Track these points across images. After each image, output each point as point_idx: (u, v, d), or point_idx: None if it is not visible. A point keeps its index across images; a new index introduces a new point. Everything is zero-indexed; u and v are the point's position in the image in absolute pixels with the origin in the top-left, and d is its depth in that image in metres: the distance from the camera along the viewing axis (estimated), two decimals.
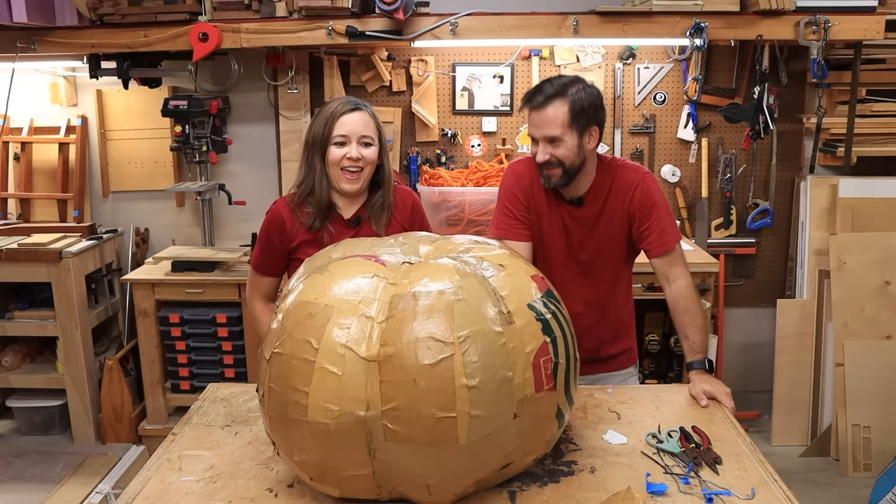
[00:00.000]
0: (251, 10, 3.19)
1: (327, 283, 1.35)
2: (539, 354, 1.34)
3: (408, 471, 1.29)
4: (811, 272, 3.49)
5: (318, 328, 1.28)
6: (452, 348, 1.24)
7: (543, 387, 1.34)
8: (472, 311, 1.28)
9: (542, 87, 1.91)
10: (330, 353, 1.26)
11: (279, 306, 1.44)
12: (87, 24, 3.20)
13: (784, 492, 1.41)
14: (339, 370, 1.25)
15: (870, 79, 3.49)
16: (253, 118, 3.76)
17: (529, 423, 1.35)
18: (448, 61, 3.66)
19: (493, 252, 1.48)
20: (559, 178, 1.93)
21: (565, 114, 1.87)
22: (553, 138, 1.88)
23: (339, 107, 1.88)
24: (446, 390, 1.23)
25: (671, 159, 3.72)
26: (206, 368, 3.39)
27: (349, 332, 1.27)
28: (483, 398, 1.25)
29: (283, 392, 1.30)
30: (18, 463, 3.27)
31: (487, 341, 1.27)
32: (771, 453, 3.32)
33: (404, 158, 3.73)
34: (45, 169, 3.81)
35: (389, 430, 1.24)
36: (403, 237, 1.61)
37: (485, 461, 1.33)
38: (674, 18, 3.13)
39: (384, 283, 1.34)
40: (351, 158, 1.86)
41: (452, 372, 1.23)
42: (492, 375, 1.26)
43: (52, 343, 3.56)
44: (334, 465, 1.30)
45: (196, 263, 3.35)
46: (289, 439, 1.33)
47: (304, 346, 1.28)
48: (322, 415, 1.25)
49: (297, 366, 1.28)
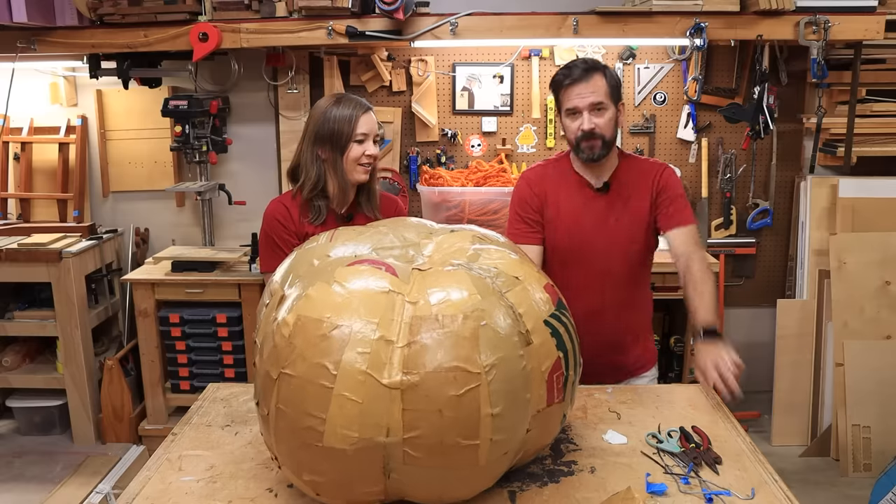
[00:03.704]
0: (251, 10, 3.19)
1: (338, 299, 1.26)
2: (553, 370, 1.34)
3: (421, 488, 1.29)
4: (811, 272, 3.49)
5: (334, 352, 1.21)
6: (479, 379, 1.21)
7: (555, 400, 1.35)
8: (496, 338, 1.24)
9: (576, 64, 2.00)
10: (349, 380, 1.20)
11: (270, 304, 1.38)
12: (87, 24, 3.20)
13: (784, 492, 1.41)
14: (360, 398, 1.19)
15: (870, 79, 3.49)
16: (253, 118, 3.76)
17: (538, 434, 1.37)
18: (448, 61, 3.66)
19: (504, 259, 1.42)
20: (600, 149, 2.00)
21: (605, 84, 1.97)
22: (599, 104, 1.97)
23: (356, 108, 2.02)
24: (471, 419, 1.21)
25: (671, 159, 3.72)
26: (206, 368, 3.39)
27: (369, 356, 1.20)
28: (505, 424, 1.25)
29: (295, 416, 1.24)
30: (18, 463, 3.27)
31: (510, 367, 1.25)
32: (771, 453, 3.32)
33: (404, 158, 3.73)
34: (45, 169, 3.81)
35: (409, 456, 1.22)
36: (403, 228, 1.55)
37: (496, 475, 1.35)
38: (674, 18, 3.13)
39: (400, 300, 1.27)
40: (370, 155, 2.02)
41: (478, 402, 1.21)
42: (513, 400, 1.25)
43: (52, 343, 3.56)
44: (345, 483, 1.27)
45: (196, 263, 3.35)
46: (298, 460, 1.29)
47: (320, 370, 1.21)
48: (339, 441, 1.20)
49: (312, 391, 1.22)
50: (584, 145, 1.99)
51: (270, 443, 1.35)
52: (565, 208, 2.06)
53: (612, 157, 2.06)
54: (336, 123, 2.00)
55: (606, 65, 2.03)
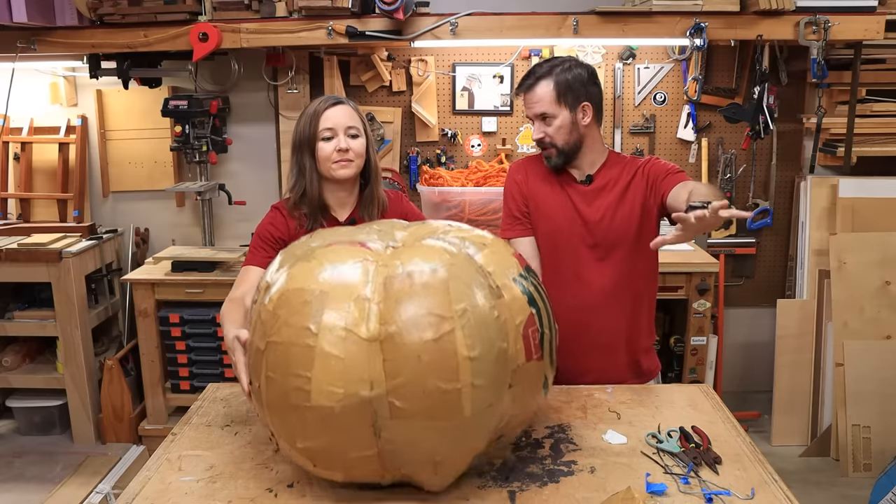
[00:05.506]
0: (251, 10, 3.19)
1: (316, 270, 1.35)
2: (527, 325, 1.38)
3: (413, 448, 1.30)
4: (811, 272, 3.49)
5: (315, 313, 1.28)
6: (452, 322, 1.26)
7: (533, 356, 1.39)
8: (465, 287, 1.31)
9: (533, 69, 2.03)
10: (330, 337, 1.26)
11: (259, 299, 1.42)
12: (87, 24, 3.20)
13: (784, 492, 1.41)
14: (342, 353, 1.25)
15: (870, 79, 3.49)
16: (253, 118, 3.76)
17: (521, 393, 1.39)
18: (448, 61, 3.66)
19: (473, 233, 1.52)
20: (556, 157, 2.03)
21: (552, 91, 1.97)
22: (543, 115, 1.99)
23: (320, 104, 1.91)
24: (449, 363, 1.25)
25: (671, 159, 3.72)
26: (206, 368, 3.39)
27: (347, 314, 1.28)
28: (483, 368, 1.28)
29: (283, 380, 1.30)
30: (18, 463, 3.27)
31: (482, 314, 1.30)
32: (771, 453, 3.33)
33: (404, 158, 3.73)
34: (45, 169, 3.81)
35: (395, 408, 1.25)
36: (377, 224, 1.63)
37: (484, 433, 1.36)
38: (674, 18, 3.13)
39: (374, 266, 1.35)
40: (341, 150, 1.87)
41: (455, 345, 1.25)
42: (490, 347, 1.29)
43: (52, 343, 3.56)
44: (339, 448, 1.31)
45: (196, 263, 3.35)
46: (291, 427, 1.33)
47: (303, 332, 1.28)
48: (326, 398, 1.26)
49: (296, 352, 1.28)
50: (543, 152, 2.06)
51: (265, 419, 1.39)
52: (550, 202, 2.07)
53: (593, 149, 2.05)
54: (300, 126, 1.91)
55: (568, 64, 1.99)
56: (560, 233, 2.05)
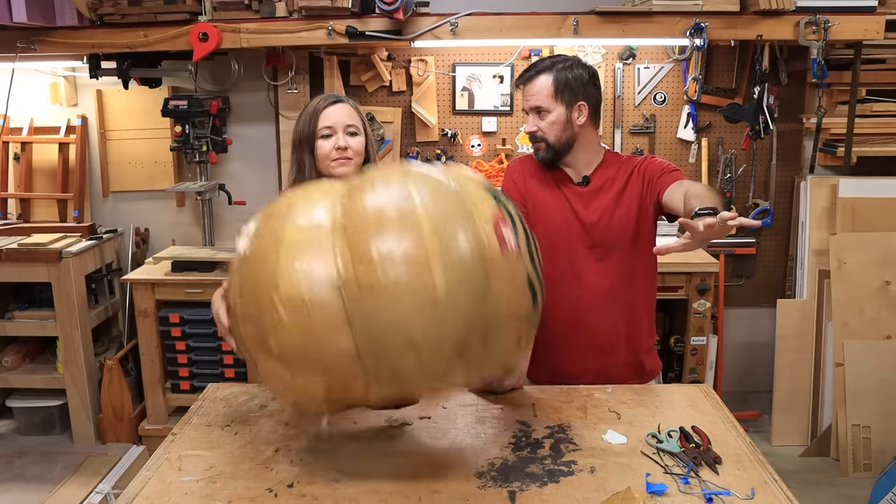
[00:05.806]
0: (251, 10, 3.19)
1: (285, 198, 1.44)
2: (498, 218, 1.36)
3: (391, 334, 1.26)
4: (811, 272, 3.49)
5: (280, 222, 1.35)
6: (410, 197, 1.29)
7: (508, 249, 1.34)
8: (424, 177, 1.36)
9: (536, 63, 2.05)
10: (295, 233, 1.32)
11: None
12: (87, 24, 3.20)
13: (784, 492, 1.41)
14: (307, 243, 1.30)
15: (870, 79, 3.49)
16: (253, 118, 3.76)
17: (502, 288, 1.32)
18: (448, 61, 3.66)
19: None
20: (545, 152, 2.05)
21: (550, 86, 1.98)
22: (538, 108, 2.00)
23: (320, 102, 1.92)
24: (413, 233, 1.26)
25: (671, 159, 3.72)
26: (206, 368, 3.39)
27: (311, 214, 1.34)
28: (450, 245, 1.27)
29: (253, 285, 1.33)
30: (18, 463, 3.27)
31: (441, 189, 1.34)
32: (771, 453, 3.33)
33: (404, 158, 3.73)
34: (45, 169, 3.81)
35: (365, 288, 1.25)
36: None
37: (462, 314, 1.28)
38: (674, 18, 3.13)
39: (338, 185, 1.44)
40: (339, 148, 1.88)
41: (415, 216, 1.27)
42: (453, 221, 1.29)
43: (52, 343, 3.56)
44: (314, 347, 1.29)
45: (196, 263, 3.35)
46: (262, 326, 1.32)
47: (271, 237, 1.34)
48: (295, 287, 1.27)
49: (264, 257, 1.33)
50: (533, 145, 2.07)
51: (239, 337, 1.42)
52: (547, 201, 2.06)
53: (587, 149, 2.05)
54: (300, 124, 1.92)
55: (570, 63, 2.01)
56: (558, 234, 2.04)
